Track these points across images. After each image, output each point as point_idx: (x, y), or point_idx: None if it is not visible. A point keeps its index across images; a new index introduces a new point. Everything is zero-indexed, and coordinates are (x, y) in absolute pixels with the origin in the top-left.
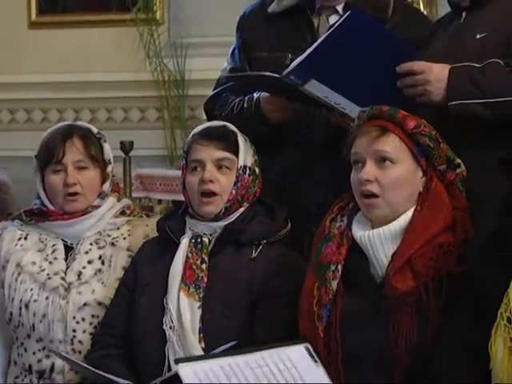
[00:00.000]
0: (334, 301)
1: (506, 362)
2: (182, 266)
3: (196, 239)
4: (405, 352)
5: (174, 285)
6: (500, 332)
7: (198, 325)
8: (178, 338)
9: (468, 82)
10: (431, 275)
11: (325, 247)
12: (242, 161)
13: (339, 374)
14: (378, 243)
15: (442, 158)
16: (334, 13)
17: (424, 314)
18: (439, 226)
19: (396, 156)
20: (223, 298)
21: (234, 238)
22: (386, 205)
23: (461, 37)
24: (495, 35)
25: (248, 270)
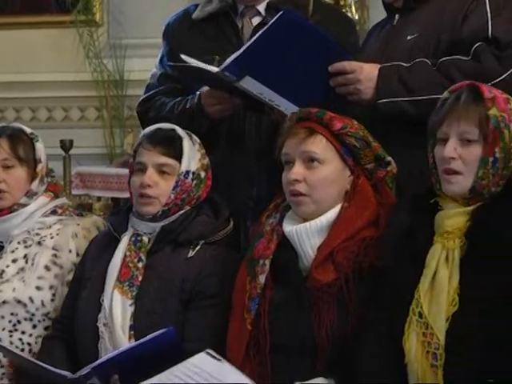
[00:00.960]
0: (263, 294)
1: (420, 356)
2: (119, 264)
3: (136, 237)
4: (326, 341)
5: (110, 282)
6: (413, 327)
7: (128, 322)
8: (109, 335)
9: (396, 81)
10: (352, 268)
11: (257, 243)
12: (185, 166)
13: (266, 364)
14: (304, 237)
15: (369, 157)
16: (256, 14)
17: (345, 305)
18: (363, 221)
19: (323, 156)
20: (156, 297)
21: (172, 237)
22: (313, 203)
23: (393, 39)
24: (425, 37)
25: (183, 270)
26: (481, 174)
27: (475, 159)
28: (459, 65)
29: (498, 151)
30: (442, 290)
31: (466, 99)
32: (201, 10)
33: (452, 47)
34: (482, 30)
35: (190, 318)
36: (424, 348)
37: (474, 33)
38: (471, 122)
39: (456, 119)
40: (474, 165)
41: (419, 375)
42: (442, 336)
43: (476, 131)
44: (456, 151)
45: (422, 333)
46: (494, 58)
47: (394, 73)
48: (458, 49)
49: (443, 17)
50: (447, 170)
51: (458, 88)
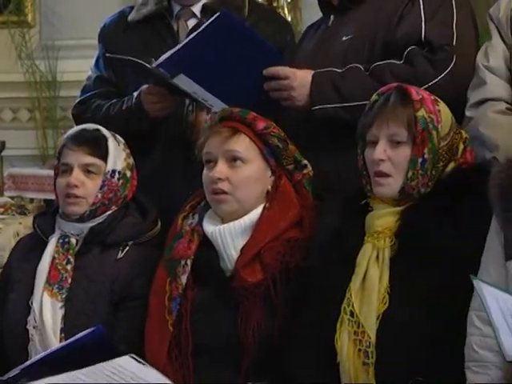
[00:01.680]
0: (184, 295)
1: (352, 354)
2: (48, 266)
3: (64, 239)
4: (253, 341)
5: (39, 284)
6: (344, 326)
7: (59, 325)
8: (40, 338)
9: (330, 87)
10: (279, 268)
11: (177, 244)
12: (111, 165)
13: (188, 366)
14: (228, 238)
15: (290, 158)
16: (192, 16)
17: (272, 305)
18: (287, 221)
19: (246, 156)
20: (86, 298)
21: (100, 239)
22: (235, 202)
23: (328, 39)
24: (360, 38)
25: (112, 271)
26: (410, 175)
27: (404, 160)
28: (392, 69)
29: (426, 152)
30: (372, 288)
31: (395, 101)
32: (136, 12)
33: (387, 49)
34: (416, 32)
35: (119, 319)
36: (356, 346)
37: (408, 35)
38: (400, 123)
39: (385, 121)
40: (404, 166)
41: (351, 374)
42: (373, 334)
43: (405, 133)
44: (385, 153)
45: (353, 331)
46: (426, 62)
47: (327, 79)
48: (392, 51)
49: (378, 18)
50: (377, 172)
51: (386, 90)
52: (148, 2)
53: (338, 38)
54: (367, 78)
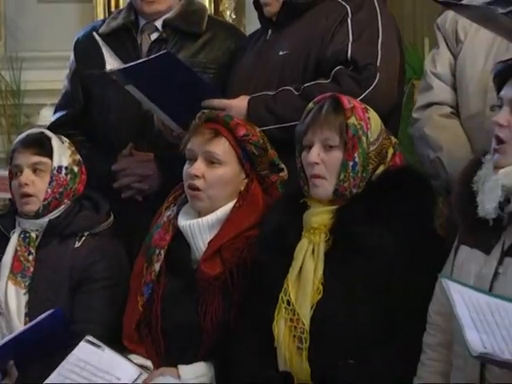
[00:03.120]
0: (157, 280)
1: (287, 339)
2: (11, 258)
3: (25, 234)
4: (211, 328)
5: (3, 275)
6: (281, 314)
7: (23, 310)
8: (6, 324)
9: (264, 110)
10: (237, 263)
11: (155, 232)
12: (57, 162)
13: (159, 342)
14: (197, 232)
15: (265, 164)
16: (154, 31)
17: (229, 297)
18: (251, 222)
19: (224, 158)
20: (48, 286)
21: (58, 231)
22: (207, 198)
23: (266, 53)
24: (295, 54)
25: (71, 259)
26: (342, 177)
27: (337, 163)
28: (321, 90)
29: (357, 156)
30: (307, 280)
31: (328, 109)
32: (106, 25)
33: (318, 66)
34: (343, 52)
35: (78, 300)
36: (291, 332)
37: (336, 54)
38: (332, 129)
39: (319, 127)
40: (336, 169)
41: (287, 357)
42: (307, 321)
43: (337, 138)
44: (319, 157)
45: (289, 319)
46: (351, 81)
47: (261, 103)
48: (323, 68)
49: (312, 36)
50: (313, 175)
51: (321, 99)
52: (118, 16)
53: (275, 52)
54: (298, 99)
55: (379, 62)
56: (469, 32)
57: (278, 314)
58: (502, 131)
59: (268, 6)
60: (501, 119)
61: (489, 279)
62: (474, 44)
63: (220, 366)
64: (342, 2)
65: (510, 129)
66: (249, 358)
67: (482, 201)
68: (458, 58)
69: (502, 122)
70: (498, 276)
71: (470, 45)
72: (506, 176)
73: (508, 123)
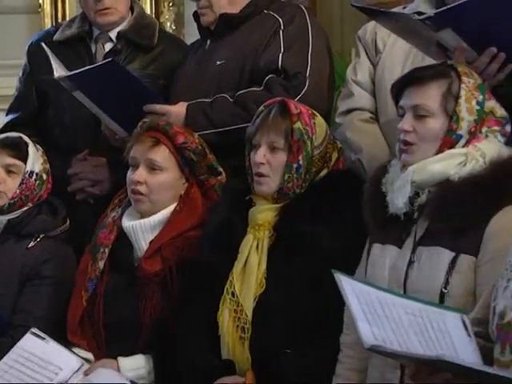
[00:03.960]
0: (101, 277)
1: (231, 329)
2: None
3: None
4: (149, 322)
5: None
6: (226, 304)
7: None
8: None
9: (201, 116)
10: (176, 261)
11: (101, 232)
12: (30, 167)
13: (101, 336)
14: (139, 232)
15: (203, 169)
16: (108, 41)
17: (168, 293)
18: (191, 223)
19: (164, 165)
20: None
21: (16, 231)
22: (150, 202)
23: (205, 62)
24: (232, 63)
25: (23, 257)
26: (286, 177)
27: (281, 165)
28: (254, 97)
29: (301, 159)
30: (251, 273)
31: (275, 113)
32: (61, 33)
33: (253, 75)
34: (275, 61)
35: (24, 294)
36: (234, 323)
37: (269, 63)
38: (278, 133)
39: (266, 130)
40: (280, 170)
41: (230, 346)
42: (249, 312)
43: (282, 141)
44: (265, 157)
45: (233, 309)
46: (282, 88)
47: (198, 109)
48: (256, 77)
49: (247, 46)
50: (257, 173)
51: (271, 103)
52: (72, 25)
53: (213, 61)
54: (233, 106)
55: (309, 71)
56: (387, 43)
57: (222, 304)
58: (408, 136)
59: (204, 16)
60: (405, 125)
61: (403, 268)
62: (392, 54)
63: (158, 358)
64: (275, 15)
65: (415, 132)
66: (194, 347)
67: (392, 199)
68: (377, 66)
69: (407, 127)
70: (412, 264)
71: (388, 55)
72: (415, 172)
73: (412, 128)
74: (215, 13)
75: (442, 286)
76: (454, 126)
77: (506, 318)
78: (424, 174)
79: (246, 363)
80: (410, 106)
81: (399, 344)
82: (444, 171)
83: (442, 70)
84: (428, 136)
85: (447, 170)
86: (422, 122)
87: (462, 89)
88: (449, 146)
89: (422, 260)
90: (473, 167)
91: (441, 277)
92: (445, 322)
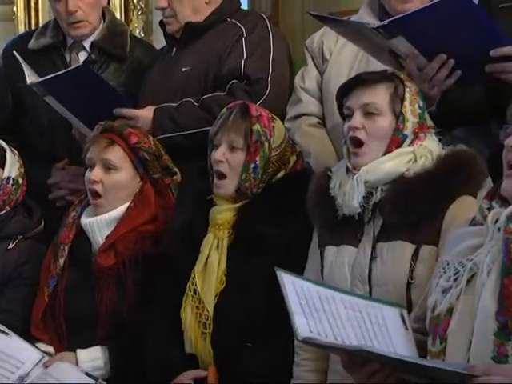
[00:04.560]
0: (62, 274)
1: (193, 325)
2: None
3: None
4: (105, 314)
5: None
6: (188, 301)
7: None
8: None
9: (168, 120)
10: (129, 255)
11: (62, 231)
12: (7, 173)
13: (62, 330)
14: (96, 228)
15: (157, 168)
16: (82, 49)
17: (122, 285)
18: (144, 219)
19: (119, 164)
20: None
21: None
22: (106, 200)
23: (171, 69)
24: (197, 70)
25: (4, 258)
26: (244, 177)
27: (240, 164)
28: (218, 101)
29: (258, 159)
30: (212, 271)
31: (236, 114)
32: (35, 41)
33: (217, 81)
34: (237, 67)
35: (5, 294)
36: (197, 318)
37: (232, 70)
38: (238, 133)
39: (227, 130)
40: (239, 169)
41: (192, 341)
42: (211, 309)
43: (241, 141)
44: (224, 156)
45: (195, 306)
46: (244, 93)
47: (165, 113)
48: (220, 83)
49: (211, 53)
50: (216, 171)
51: (233, 106)
52: (45, 33)
53: (179, 68)
54: (198, 109)
55: (270, 77)
56: (333, 51)
57: (185, 301)
58: (357, 132)
59: (169, 25)
60: (355, 123)
61: (366, 264)
62: (338, 62)
63: (114, 349)
64: (237, 23)
65: (365, 129)
66: (158, 341)
67: (345, 201)
68: (324, 74)
69: (357, 124)
70: (374, 260)
71: (335, 62)
72: (368, 172)
73: (362, 125)
74: (180, 22)
75: (408, 277)
76: (401, 125)
77: (436, 310)
78: (377, 174)
79: (209, 357)
80: (359, 105)
81: (334, 336)
82: (395, 169)
83: (386, 75)
84: (377, 134)
85: (398, 168)
86: (372, 120)
87: (407, 92)
88: (396, 145)
89: (385, 255)
90: (423, 163)
91: (405, 268)
92: (383, 316)
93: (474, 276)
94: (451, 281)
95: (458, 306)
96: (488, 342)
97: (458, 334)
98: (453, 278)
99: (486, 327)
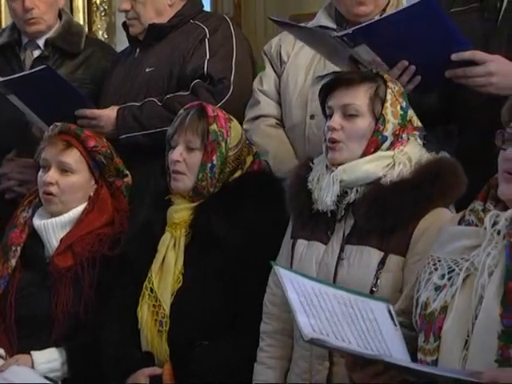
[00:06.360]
0: (13, 275)
1: (150, 323)
2: None
3: None
4: (62, 316)
5: None
6: (145, 300)
7: None
8: None
9: (131, 119)
10: (87, 257)
11: (11, 232)
12: None
13: (12, 332)
14: (50, 230)
15: (113, 171)
16: (36, 48)
17: (79, 287)
18: (101, 222)
19: (75, 167)
20: None
21: None
22: (60, 202)
23: (134, 70)
24: (160, 70)
25: None
26: (200, 176)
27: (196, 164)
28: (181, 100)
29: (215, 159)
30: (169, 270)
31: (193, 115)
32: None
33: (180, 81)
34: (200, 67)
35: None
36: (153, 317)
37: (195, 70)
38: (195, 133)
39: (184, 130)
40: (196, 168)
41: (149, 339)
42: (167, 307)
43: (198, 141)
44: (181, 156)
45: (152, 304)
46: (207, 93)
47: (128, 112)
48: (183, 83)
49: (175, 54)
50: (173, 170)
51: (190, 106)
52: (3, 34)
53: (143, 69)
54: (161, 109)
55: (233, 77)
56: (291, 54)
57: (142, 300)
58: (335, 134)
59: (132, 27)
60: (334, 124)
61: (333, 265)
62: (295, 64)
63: (71, 350)
64: (200, 24)
65: (343, 130)
66: (115, 340)
67: (320, 196)
68: (282, 76)
69: (336, 125)
70: (341, 261)
71: (292, 65)
72: (344, 172)
73: (340, 126)
74: (143, 24)
75: (372, 285)
76: (381, 127)
77: (429, 308)
78: (353, 174)
79: (165, 355)
80: (339, 106)
81: (334, 335)
82: (373, 172)
83: (369, 75)
84: (355, 135)
85: (376, 172)
86: (351, 121)
87: (389, 93)
88: (375, 147)
89: (352, 258)
90: (401, 170)
91: (370, 276)
92: (373, 312)
93: (469, 276)
94: (445, 279)
95: (453, 304)
96: (491, 344)
97: (453, 332)
98: (447, 277)
99: (489, 329)
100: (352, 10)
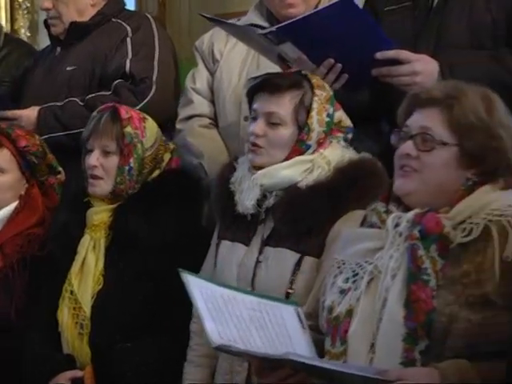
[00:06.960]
0: None
1: (70, 325)
2: None
3: None
4: None
5: None
6: (65, 302)
7: None
8: None
9: (52, 119)
10: (17, 257)
11: None
12: None
13: None
14: None
15: (44, 171)
16: None
17: (10, 289)
18: (31, 222)
19: (5, 166)
20: None
21: None
22: None
23: (55, 68)
24: (81, 69)
25: None
26: (118, 180)
27: (114, 167)
28: (102, 100)
29: (132, 161)
30: (89, 272)
31: (107, 118)
32: None
33: (102, 80)
34: (122, 67)
35: None
36: (74, 319)
37: (117, 69)
38: (110, 137)
39: (99, 135)
40: (113, 172)
41: (69, 342)
42: (88, 309)
43: (114, 145)
44: (98, 160)
45: (72, 307)
46: (129, 93)
47: (49, 112)
48: (105, 82)
49: (97, 53)
50: (91, 175)
51: (103, 109)
52: None
53: (64, 67)
54: (82, 109)
55: (155, 77)
56: (224, 52)
57: (62, 302)
58: (258, 139)
59: (54, 27)
60: (258, 130)
61: (252, 266)
62: (229, 62)
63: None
64: (122, 23)
65: (266, 137)
66: (36, 343)
67: (241, 199)
68: (215, 74)
69: (259, 132)
70: (259, 264)
71: (226, 64)
72: (264, 176)
73: (263, 133)
74: (64, 23)
75: (288, 286)
76: (305, 136)
77: (334, 312)
78: (272, 179)
79: (86, 358)
80: (263, 113)
81: (242, 340)
82: (291, 177)
83: (296, 80)
84: (278, 143)
85: (294, 176)
86: (274, 129)
87: (315, 101)
88: (297, 154)
89: (270, 260)
90: (319, 174)
91: (287, 277)
92: (282, 315)
93: (373, 279)
94: (350, 282)
95: (357, 308)
96: (395, 347)
97: (359, 336)
98: (352, 280)
99: (394, 332)
100: (281, 11)
